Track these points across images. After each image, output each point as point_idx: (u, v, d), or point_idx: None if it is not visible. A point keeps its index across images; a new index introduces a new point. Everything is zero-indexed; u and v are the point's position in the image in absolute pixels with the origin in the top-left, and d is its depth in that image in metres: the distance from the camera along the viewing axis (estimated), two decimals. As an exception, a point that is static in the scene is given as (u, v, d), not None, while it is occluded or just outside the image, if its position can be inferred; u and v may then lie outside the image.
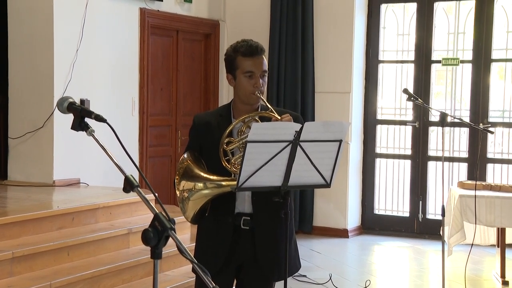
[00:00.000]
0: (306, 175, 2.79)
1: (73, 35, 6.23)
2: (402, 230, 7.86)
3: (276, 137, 2.68)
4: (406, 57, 7.95)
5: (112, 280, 4.81)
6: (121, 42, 6.78)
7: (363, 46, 7.94)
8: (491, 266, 6.34)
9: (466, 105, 7.70)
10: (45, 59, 6.15)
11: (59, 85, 6.12)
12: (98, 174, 6.42)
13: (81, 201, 5.46)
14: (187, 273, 5.12)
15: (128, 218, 5.61)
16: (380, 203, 8.09)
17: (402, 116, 8.02)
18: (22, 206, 5.20)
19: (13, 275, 4.35)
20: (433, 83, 7.81)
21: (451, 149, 7.77)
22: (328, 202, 7.82)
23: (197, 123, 3.09)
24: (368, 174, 8.03)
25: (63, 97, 2.38)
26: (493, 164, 7.57)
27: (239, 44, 2.99)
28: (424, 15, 7.73)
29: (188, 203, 2.89)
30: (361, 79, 7.94)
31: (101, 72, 6.57)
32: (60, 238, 4.83)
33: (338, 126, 2.79)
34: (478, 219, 5.62)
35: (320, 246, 7.26)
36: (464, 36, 7.67)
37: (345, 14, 7.72)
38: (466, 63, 7.62)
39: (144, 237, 1.96)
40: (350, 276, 6.13)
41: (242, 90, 2.97)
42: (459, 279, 5.78)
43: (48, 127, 6.14)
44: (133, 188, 2.09)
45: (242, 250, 3.00)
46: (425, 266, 6.70)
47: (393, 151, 8.04)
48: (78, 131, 2.31)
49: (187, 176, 2.89)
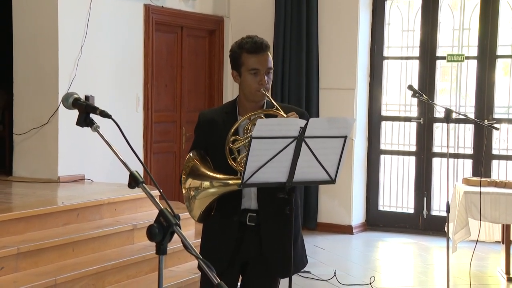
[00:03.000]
0: (311, 171, 2.78)
1: (78, 32, 6.24)
2: (406, 226, 7.86)
3: (281, 133, 2.67)
4: (411, 53, 7.93)
5: (117, 276, 4.82)
6: (126, 38, 6.79)
7: (368, 42, 7.92)
8: (496, 263, 6.33)
9: (471, 101, 7.69)
10: (50, 56, 6.16)
11: (64, 81, 6.13)
12: (103, 170, 6.42)
13: (86, 197, 5.47)
14: (192, 269, 5.13)
15: (133, 214, 5.62)
16: (384, 199, 8.08)
17: (407, 112, 8.00)
18: (27, 202, 5.21)
19: (18, 270, 4.37)
20: (438, 79, 7.79)
21: (456, 145, 7.75)
22: (332, 199, 7.81)
23: (202, 121, 3.08)
24: (372, 170, 8.02)
25: (68, 93, 2.39)
26: (498, 161, 7.55)
27: (244, 41, 2.97)
28: (429, 11, 7.71)
29: (195, 202, 2.87)
30: (366, 75, 7.93)
31: (105, 69, 6.58)
32: (65, 234, 4.85)
33: (343, 122, 2.78)
34: (483, 215, 5.61)
35: (324, 242, 7.26)
36: (469, 32, 7.65)
37: (349, 10, 7.70)
38: (471, 59, 7.60)
39: (149, 232, 1.97)
40: (355, 273, 6.13)
41: (247, 87, 2.96)
42: (463, 275, 5.78)
43: (53, 124, 6.14)
44: (138, 183, 2.09)
45: (247, 247, 3.00)
46: (429, 262, 6.69)
47: (397, 147, 8.03)
48: (83, 127, 2.31)
49: (194, 174, 2.88)
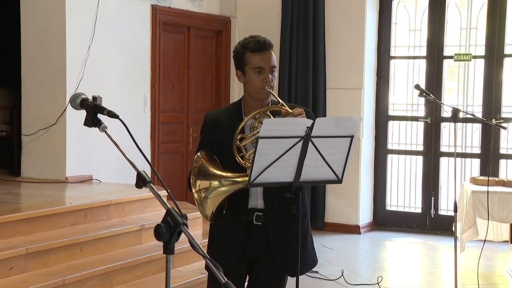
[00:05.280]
0: (318, 170, 2.78)
1: (85, 32, 6.26)
2: (414, 226, 7.84)
3: (288, 133, 2.67)
4: (418, 52, 7.91)
5: (124, 276, 4.83)
6: (133, 39, 6.80)
7: (375, 41, 7.91)
8: (504, 262, 6.31)
9: (479, 100, 7.66)
10: (58, 56, 6.18)
11: (72, 82, 6.15)
12: (111, 171, 6.44)
13: (93, 197, 5.48)
14: (200, 269, 5.14)
15: (141, 215, 5.63)
16: (392, 199, 8.07)
17: (414, 112, 7.99)
18: (35, 202, 5.23)
19: (27, 271, 4.39)
20: (445, 78, 7.78)
21: (464, 145, 7.73)
22: (339, 198, 7.81)
23: (208, 122, 3.09)
24: (380, 170, 8.01)
25: (76, 94, 2.40)
26: (506, 160, 7.53)
27: (247, 40, 2.99)
28: (436, 10, 7.70)
29: (207, 202, 2.88)
30: (373, 75, 7.92)
31: (113, 69, 6.59)
32: (73, 234, 4.86)
33: (349, 121, 2.78)
34: (491, 215, 5.59)
35: (332, 242, 7.25)
36: (476, 31, 7.63)
37: (356, 10, 7.70)
38: (478, 59, 7.58)
39: (156, 232, 1.97)
40: (362, 272, 6.12)
41: (252, 86, 2.97)
42: (471, 275, 5.76)
43: (61, 124, 6.17)
44: (146, 183, 2.10)
45: (254, 246, 3.00)
46: (437, 262, 6.68)
47: (405, 147, 8.02)
48: (91, 127, 2.32)
49: (202, 175, 2.88)
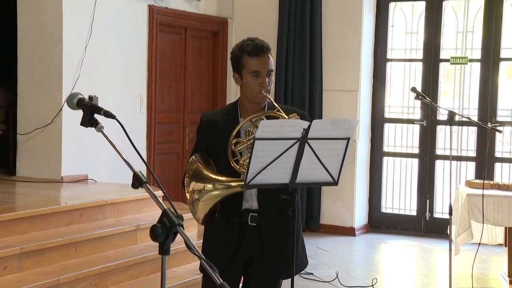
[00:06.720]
0: (314, 172, 2.79)
1: (82, 32, 6.25)
2: (409, 228, 7.86)
3: (284, 134, 2.68)
4: (415, 55, 7.93)
5: (119, 276, 4.83)
6: (130, 39, 6.80)
7: (371, 44, 7.93)
8: (499, 266, 6.33)
9: (474, 104, 7.68)
10: (54, 56, 6.17)
11: (68, 81, 6.15)
12: (106, 171, 6.44)
13: (89, 197, 5.48)
14: (195, 269, 5.13)
15: (136, 215, 5.63)
16: (387, 201, 8.08)
17: (410, 114, 8.00)
18: (30, 202, 5.23)
19: (21, 270, 4.38)
20: (441, 81, 7.79)
21: (459, 148, 7.75)
22: (335, 200, 7.81)
23: (204, 122, 3.09)
24: (375, 172, 8.02)
25: (73, 93, 2.40)
26: (501, 163, 7.55)
27: (245, 43, 2.98)
28: (433, 13, 7.71)
29: (198, 205, 2.88)
30: (369, 77, 7.94)
31: (109, 69, 6.59)
32: (68, 234, 4.86)
33: (346, 123, 2.79)
34: (486, 218, 5.60)
35: (327, 244, 7.26)
36: (472, 34, 7.65)
37: (353, 12, 7.71)
38: (474, 62, 7.60)
39: (152, 233, 1.97)
40: (357, 274, 6.13)
41: (249, 89, 2.97)
42: (466, 278, 5.77)
43: (57, 124, 6.16)
44: (142, 184, 2.10)
45: (249, 247, 3.01)
46: (432, 265, 6.69)
47: (400, 149, 8.03)
48: (87, 127, 2.32)
49: (197, 177, 2.88)
